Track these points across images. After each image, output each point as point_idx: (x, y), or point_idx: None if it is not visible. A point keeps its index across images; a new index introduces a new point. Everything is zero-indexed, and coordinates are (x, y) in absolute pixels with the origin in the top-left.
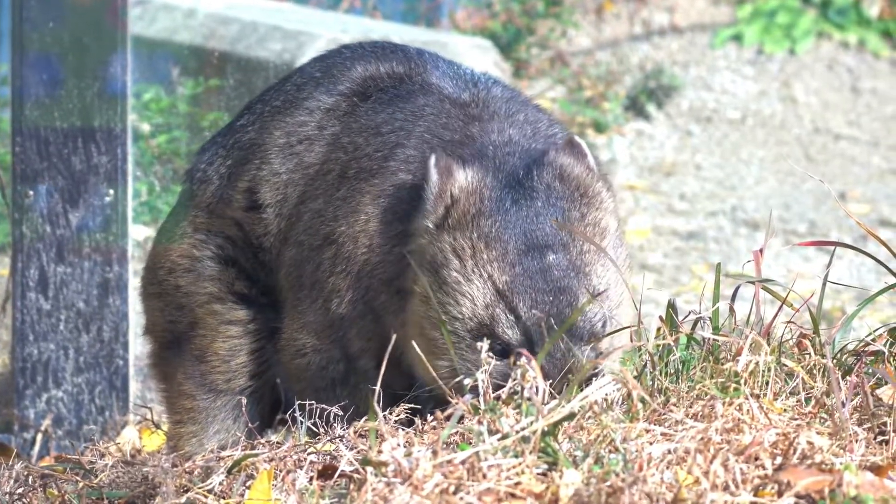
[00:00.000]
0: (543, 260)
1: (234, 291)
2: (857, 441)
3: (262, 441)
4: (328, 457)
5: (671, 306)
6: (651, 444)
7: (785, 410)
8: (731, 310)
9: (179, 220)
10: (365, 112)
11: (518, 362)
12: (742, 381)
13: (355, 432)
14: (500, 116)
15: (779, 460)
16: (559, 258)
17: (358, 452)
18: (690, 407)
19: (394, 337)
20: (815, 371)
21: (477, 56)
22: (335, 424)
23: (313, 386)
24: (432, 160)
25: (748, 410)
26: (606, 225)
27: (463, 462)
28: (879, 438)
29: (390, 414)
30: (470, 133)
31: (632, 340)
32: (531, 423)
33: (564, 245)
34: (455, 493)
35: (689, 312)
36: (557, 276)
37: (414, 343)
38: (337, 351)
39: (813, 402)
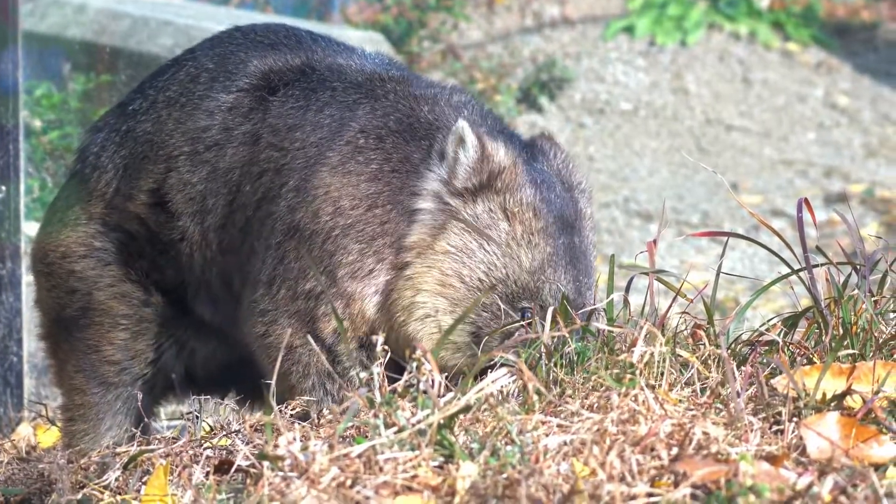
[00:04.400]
0: (572, 240)
1: (148, 276)
2: (752, 431)
3: (159, 436)
4: (224, 451)
5: (565, 298)
6: (547, 435)
7: (680, 401)
8: (626, 301)
9: (72, 203)
10: (285, 110)
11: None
12: (637, 372)
13: (251, 427)
14: (429, 97)
15: (675, 451)
16: (581, 241)
17: (254, 447)
18: (586, 398)
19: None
20: (709, 361)
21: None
22: (230, 419)
23: (299, 389)
24: (465, 124)
25: (644, 401)
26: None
27: (359, 456)
28: (775, 428)
29: (287, 408)
30: (425, 113)
31: (526, 332)
32: (427, 415)
33: (581, 231)
34: (352, 486)
35: (584, 304)
36: (580, 257)
37: (414, 301)
38: (313, 341)
39: (708, 392)
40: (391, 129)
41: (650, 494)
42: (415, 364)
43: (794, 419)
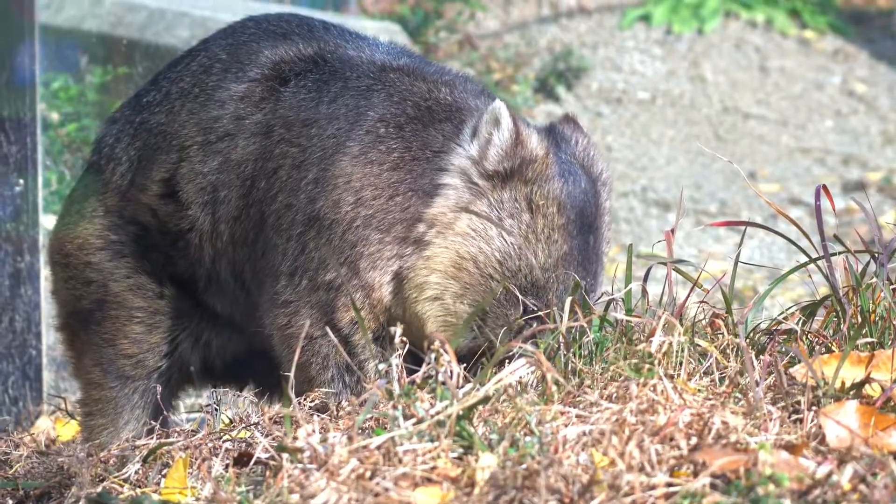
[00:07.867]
0: (588, 240)
1: (163, 268)
2: (771, 420)
3: (178, 429)
4: (244, 444)
5: (583, 288)
6: (566, 426)
7: (699, 390)
8: (644, 291)
9: (88, 195)
10: (297, 102)
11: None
12: (656, 362)
13: (270, 419)
14: (444, 82)
15: (694, 440)
16: (595, 242)
17: (273, 439)
18: (605, 388)
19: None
20: (728, 351)
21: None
22: (249, 411)
23: (318, 381)
24: (502, 105)
25: (662, 391)
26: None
27: (378, 447)
28: (794, 417)
29: (305, 400)
30: (442, 97)
31: (545, 323)
32: (446, 407)
33: (598, 230)
34: (371, 478)
35: (602, 293)
36: (591, 258)
37: (427, 280)
38: (331, 331)
39: (727, 381)
40: (409, 116)
41: (669, 484)
42: (433, 355)
43: (813, 408)
